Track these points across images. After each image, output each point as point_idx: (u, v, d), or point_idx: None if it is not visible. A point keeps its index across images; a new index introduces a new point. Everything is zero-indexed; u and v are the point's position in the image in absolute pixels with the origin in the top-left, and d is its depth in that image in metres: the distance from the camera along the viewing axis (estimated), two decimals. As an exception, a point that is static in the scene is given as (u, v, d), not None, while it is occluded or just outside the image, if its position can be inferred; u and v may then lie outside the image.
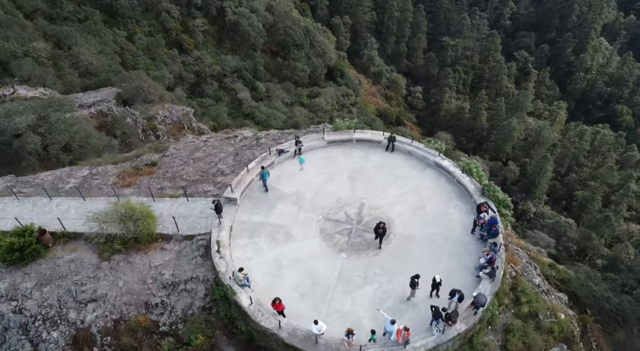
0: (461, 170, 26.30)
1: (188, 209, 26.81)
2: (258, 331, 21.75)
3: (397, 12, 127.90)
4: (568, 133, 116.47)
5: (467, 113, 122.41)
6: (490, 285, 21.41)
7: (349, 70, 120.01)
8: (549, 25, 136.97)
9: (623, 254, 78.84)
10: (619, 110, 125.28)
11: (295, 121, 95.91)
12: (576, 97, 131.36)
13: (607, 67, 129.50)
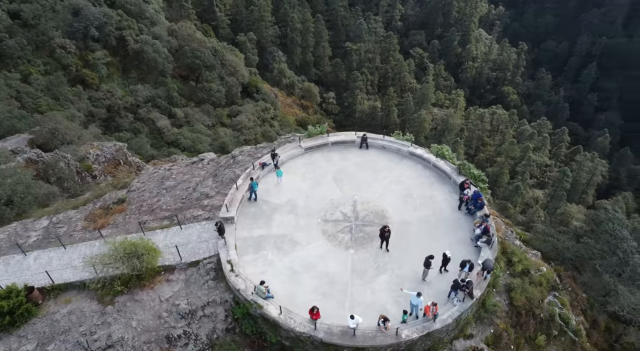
0: (435, 155, 28.97)
1: (184, 237, 26.40)
2: (292, 337, 22.27)
3: (298, 24, 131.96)
4: (470, 118, 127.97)
5: (380, 111, 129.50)
6: (490, 251, 24.07)
7: (263, 85, 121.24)
8: (435, 23, 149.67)
9: (535, 217, 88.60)
10: (506, 91, 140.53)
11: (222, 142, 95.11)
12: (469, 84, 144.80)
13: (490, 55, 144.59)
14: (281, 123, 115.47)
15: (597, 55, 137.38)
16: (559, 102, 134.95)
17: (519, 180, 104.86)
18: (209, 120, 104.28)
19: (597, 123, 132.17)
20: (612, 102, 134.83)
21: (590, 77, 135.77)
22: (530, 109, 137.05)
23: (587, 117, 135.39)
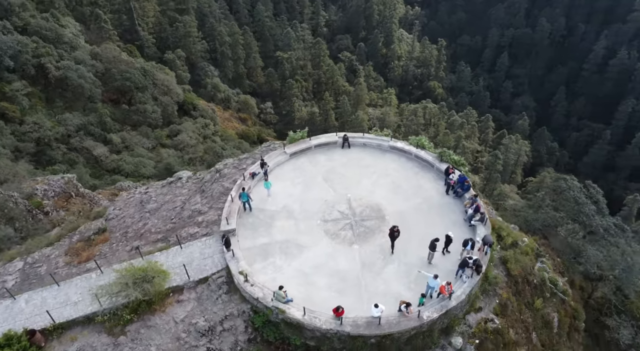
0: (415, 147, 30.68)
1: (186, 256, 25.89)
2: (317, 337, 22.71)
3: (227, 37, 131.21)
4: (404, 114, 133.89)
5: (319, 116, 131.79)
6: (485, 228, 26.02)
7: (199, 101, 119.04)
8: (358, 26, 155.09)
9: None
10: (432, 86, 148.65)
11: (166, 163, 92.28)
12: (397, 83, 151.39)
13: (413, 53, 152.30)
14: (223, 138, 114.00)
15: (506, 45, 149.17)
16: (480, 92, 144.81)
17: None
18: (148, 143, 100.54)
19: (515, 108, 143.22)
20: (525, 87, 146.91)
21: (504, 66, 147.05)
22: (455, 101, 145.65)
23: (506, 103, 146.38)
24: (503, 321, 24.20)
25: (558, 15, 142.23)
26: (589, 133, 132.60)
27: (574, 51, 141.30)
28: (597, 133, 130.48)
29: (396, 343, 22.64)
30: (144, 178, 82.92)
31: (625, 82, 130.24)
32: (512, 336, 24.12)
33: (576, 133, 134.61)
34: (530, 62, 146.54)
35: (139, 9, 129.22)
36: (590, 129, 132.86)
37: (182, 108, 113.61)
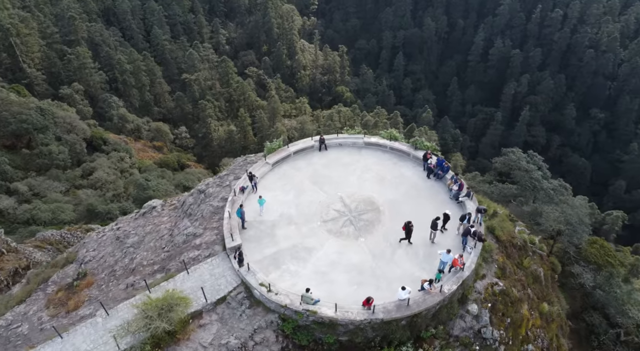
0: (389, 139, 32.40)
1: (196, 280, 24.85)
2: (350, 330, 23.19)
3: (127, 65, 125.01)
4: (320, 120, 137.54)
5: (237, 134, 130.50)
6: (473, 202, 28.39)
7: (108, 135, 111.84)
8: (260, 41, 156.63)
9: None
10: (340, 91, 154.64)
11: (87, 204, 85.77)
12: (306, 91, 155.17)
13: (317, 61, 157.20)
14: (142, 170, 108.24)
15: (400, 45, 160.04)
16: (385, 91, 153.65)
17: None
18: (61, 186, 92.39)
19: (417, 102, 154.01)
20: (422, 82, 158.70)
21: (400, 65, 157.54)
22: (364, 102, 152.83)
23: (409, 99, 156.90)
24: (506, 283, 26.62)
25: (440, 14, 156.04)
26: (483, 117, 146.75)
27: (459, 45, 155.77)
28: (489, 116, 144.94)
29: (424, 320, 23.93)
30: (66, 225, 76.17)
31: (504, 67, 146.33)
32: (516, 294, 26.64)
33: (473, 118, 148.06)
34: (423, 59, 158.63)
35: (22, 45, 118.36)
36: (483, 113, 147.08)
37: (91, 144, 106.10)
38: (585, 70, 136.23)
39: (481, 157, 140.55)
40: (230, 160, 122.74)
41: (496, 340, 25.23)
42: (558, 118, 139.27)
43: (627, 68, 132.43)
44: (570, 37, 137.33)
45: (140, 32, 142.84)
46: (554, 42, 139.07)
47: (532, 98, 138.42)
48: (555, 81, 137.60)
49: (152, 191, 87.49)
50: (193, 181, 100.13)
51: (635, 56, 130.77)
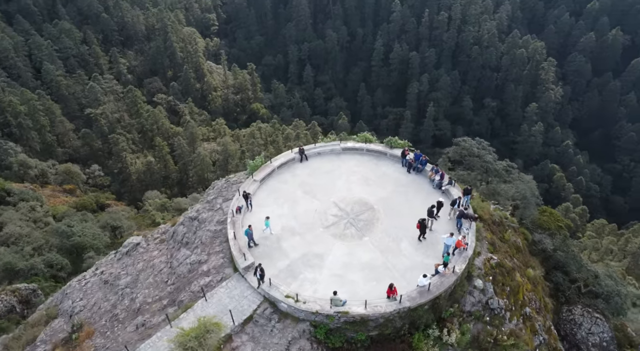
0: (364, 142, 33.82)
1: (215, 305, 24.23)
2: (380, 324, 24.14)
3: (20, 106, 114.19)
4: (241, 140, 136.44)
5: (156, 164, 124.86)
6: (457, 188, 30.76)
7: (11, 185, 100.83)
8: (164, 66, 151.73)
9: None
10: (255, 108, 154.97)
11: (4, 263, 76.78)
12: (221, 112, 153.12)
13: (227, 81, 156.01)
14: (58, 217, 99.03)
15: (306, 58, 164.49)
16: (299, 103, 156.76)
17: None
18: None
19: (331, 111, 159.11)
20: (333, 91, 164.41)
21: (310, 76, 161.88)
22: (281, 116, 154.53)
23: (323, 108, 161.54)
24: (499, 256, 29.20)
25: (339, 25, 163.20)
26: (394, 117, 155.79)
27: (361, 52, 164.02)
28: (399, 115, 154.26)
29: (443, 301, 25.55)
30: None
31: (405, 69, 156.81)
32: (509, 265, 29.30)
33: (384, 119, 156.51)
34: (330, 68, 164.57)
35: None
36: (393, 114, 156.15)
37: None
38: (474, 64, 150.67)
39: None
40: (152, 192, 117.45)
41: (502, 308, 27.60)
42: (458, 111, 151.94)
43: (507, 60, 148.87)
44: (457, 36, 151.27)
45: (28, 70, 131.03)
46: (444, 42, 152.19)
47: (434, 95, 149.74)
48: (451, 77, 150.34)
49: (78, 237, 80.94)
50: (120, 220, 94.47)
51: (512, 48, 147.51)
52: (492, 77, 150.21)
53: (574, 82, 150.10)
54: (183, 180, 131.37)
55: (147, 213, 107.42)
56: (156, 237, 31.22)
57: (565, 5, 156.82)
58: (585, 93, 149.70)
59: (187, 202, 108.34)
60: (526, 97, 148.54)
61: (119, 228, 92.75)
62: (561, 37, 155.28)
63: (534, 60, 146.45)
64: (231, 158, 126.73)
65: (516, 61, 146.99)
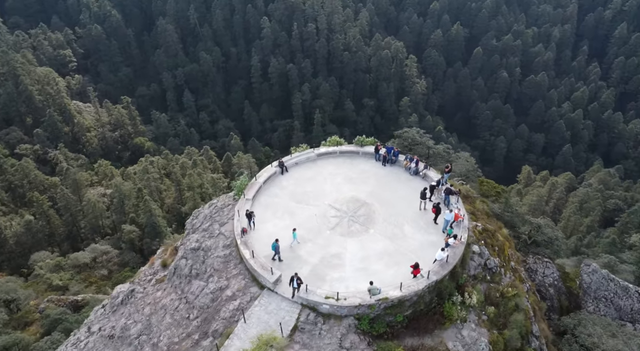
0: (336, 145, 35.06)
1: (256, 324, 24.09)
2: (414, 302, 25.81)
3: None
4: (132, 178, 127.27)
5: (37, 222, 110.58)
6: (433, 171, 33.52)
7: None
8: (20, 113, 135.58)
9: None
10: (139, 142, 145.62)
11: None
12: (100, 153, 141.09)
13: (102, 119, 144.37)
14: None
15: (183, 83, 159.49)
16: (185, 131, 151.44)
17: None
18: None
19: (220, 133, 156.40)
20: (218, 113, 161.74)
21: (190, 102, 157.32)
22: (168, 146, 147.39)
23: (211, 132, 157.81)
24: (481, 222, 32.55)
25: (211, 46, 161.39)
26: (284, 129, 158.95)
27: (238, 70, 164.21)
28: (289, 127, 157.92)
29: (459, 269, 27.89)
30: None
31: (285, 81, 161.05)
32: (490, 228, 32.83)
33: (275, 133, 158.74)
34: (210, 91, 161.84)
35: None
36: (282, 126, 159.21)
37: None
38: (347, 69, 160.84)
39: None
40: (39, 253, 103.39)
41: (497, 266, 30.84)
42: (342, 114, 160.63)
43: (375, 61, 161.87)
44: (328, 45, 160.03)
45: None
46: (317, 51, 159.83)
47: (318, 102, 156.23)
48: (329, 83, 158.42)
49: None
50: (14, 291, 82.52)
51: (377, 51, 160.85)
52: (365, 79, 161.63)
53: (433, 74, 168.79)
54: (73, 233, 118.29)
55: (39, 277, 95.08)
56: (148, 280, 28.55)
57: (412, 7, 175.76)
58: (444, 83, 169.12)
59: (86, 255, 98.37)
60: (397, 92, 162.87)
61: (15, 300, 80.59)
62: (415, 36, 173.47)
63: (397, 58, 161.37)
64: (127, 199, 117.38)
65: (383, 61, 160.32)
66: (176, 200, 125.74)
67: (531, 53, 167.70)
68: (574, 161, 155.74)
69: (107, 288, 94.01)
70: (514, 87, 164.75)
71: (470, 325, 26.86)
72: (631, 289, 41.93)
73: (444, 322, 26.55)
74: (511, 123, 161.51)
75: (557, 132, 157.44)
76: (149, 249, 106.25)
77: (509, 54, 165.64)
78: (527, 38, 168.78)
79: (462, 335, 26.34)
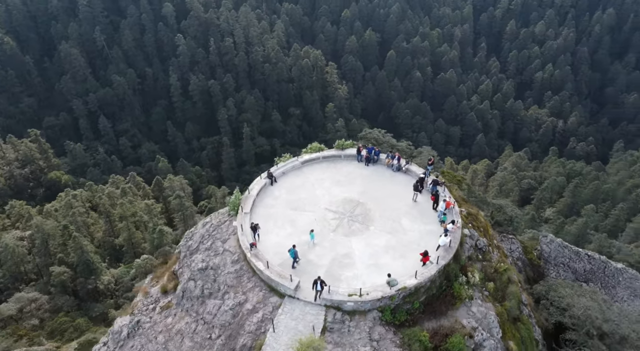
0: (317, 151, 35.39)
1: (286, 331, 24.44)
2: (427, 286, 27.25)
3: None
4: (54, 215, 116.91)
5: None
6: (415, 166, 35.02)
7: None
8: None
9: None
10: (54, 176, 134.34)
11: None
12: (8, 194, 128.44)
13: (7, 156, 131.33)
14: None
15: (96, 109, 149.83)
16: (106, 159, 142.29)
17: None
18: None
19: (144, 157, 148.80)
20: (140, 136, 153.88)
21: (107, 128, 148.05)
22: (88, 178, 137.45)
23: (134, 157, 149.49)
24: (464, 207, 34.56)
25: (124, 68, 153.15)
26: (213, 146, 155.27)
27: (157, 91, 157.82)
28: (218, 143, 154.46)
29: (460, 251, 29.52)
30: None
31: (208, 98, 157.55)
32: (473, 211, 34.97)
33: (204, 151, 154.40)
34: (128, 114, 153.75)
35: None
36: (211, 143, 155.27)
37: None
38: (270, 80, 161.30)
39: (228, 182, 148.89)
40: None
41: (485, 245, 32.95)
42: (270, 125, 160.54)
43: (296, 70, 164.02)
44: (248, 58, 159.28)
45: None
46: (237, 65, 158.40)
47: (245, 116, 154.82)
48: (254, 96, 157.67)
49: None
50: None
51: (297, 60, 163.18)
52: (289, 88, 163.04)
53: (353, 79, 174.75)
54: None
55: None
56: (151, 309, 26.73)
57: (325, 16, 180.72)
58: (364, 87, 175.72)
59: (10, 306, 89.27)
60: (322, 99, 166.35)
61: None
62: (331, 44, 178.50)
63: (317, 66, 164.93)
64: (51, 239, 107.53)
65: (304, 70, 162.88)
66: (107, 233, 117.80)
67: (438, 53, 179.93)
68: (488, 148, 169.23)
69: (41, 339, 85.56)
70: (428, 85, 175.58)
71: (477, 301, 28.49)
72: (581, 253, 46.63)
73: (454, 303, 27.95)
74: (429, 119, 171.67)
75: (470, 124, 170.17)
76: (85, 289, 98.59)
77: (419, 54, 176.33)
78: (433, 39, 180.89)
79: (473, 311, 27.87)
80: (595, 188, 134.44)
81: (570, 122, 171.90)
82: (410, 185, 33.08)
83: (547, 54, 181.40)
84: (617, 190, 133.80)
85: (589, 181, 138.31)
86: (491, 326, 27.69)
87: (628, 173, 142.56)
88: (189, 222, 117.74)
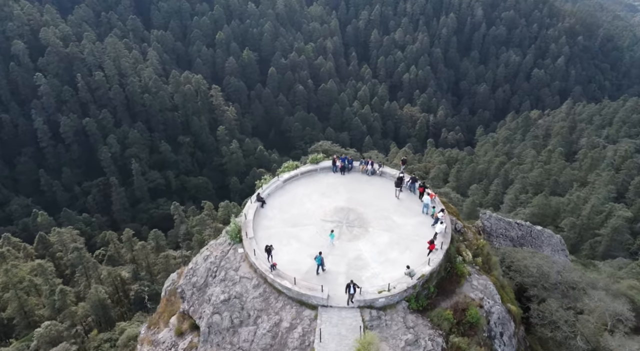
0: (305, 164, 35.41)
1: (330, 338, 24.48)
2: (438, 271, 28.85)
3: None
4: None
5: None
6: (389, 168, 36.67)
7: None
8: None
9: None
10: None
11: None
12: None
13: None
14: None
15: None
16: None
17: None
18: None
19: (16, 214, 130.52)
20: (6, 193, 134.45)
21: None
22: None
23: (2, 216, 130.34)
24: (440, 198, 37.14)
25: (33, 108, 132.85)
26: (99, 189, 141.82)
27: (19, 138, 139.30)
28: (105, 185, 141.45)
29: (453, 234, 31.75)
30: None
31: (84, 138, 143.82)
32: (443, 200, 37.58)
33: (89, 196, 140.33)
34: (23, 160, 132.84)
35: None
36: (96, 186, 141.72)
37: None
38: (152, 110, 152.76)
39: (123, 224, 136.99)
40: None
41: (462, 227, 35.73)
42: (160, 157, 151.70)
43: (179, 97, 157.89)
44: (124, 90, 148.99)
45: None
46: (113, 99, 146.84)
47: (131, 151, 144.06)
48: (137, 129, 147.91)
49: None
50: None
51: (179, 87, 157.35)
52: (174, 117, 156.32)
53: (239, 99, 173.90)
54: None
55: None
56: (180, 346, 24.26)
57: (199, 40, 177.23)
58: (251, 105, 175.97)
59: None
60: (210, 123, 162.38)
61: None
62: (209, 67, 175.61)
63: (200, 91, 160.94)
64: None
65: (187, 96, 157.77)
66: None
67: (315, 65, 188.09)
68: (376, 149, 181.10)
69: None
70: (312, 97, 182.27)
71: (475, 275, 30.96)
72: (512, 222, 52.91)
73: (459, 280, 30.01)
74: (319, 128, 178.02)
75: (356, 128, 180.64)
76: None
77: (298, 68, 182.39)
78: (308, 52, 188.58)
79: (475, 285, 30.22)
80: (472, 170, 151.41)
81: (439, 115, 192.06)
82: (389, 186, 34.75)
83: (409, 57, 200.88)
84: (489, 168, 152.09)
85: (466, 165, 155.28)
86: (493, 294, 30.26)
87: (494, 153, 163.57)
88: (92, 274, 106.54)
